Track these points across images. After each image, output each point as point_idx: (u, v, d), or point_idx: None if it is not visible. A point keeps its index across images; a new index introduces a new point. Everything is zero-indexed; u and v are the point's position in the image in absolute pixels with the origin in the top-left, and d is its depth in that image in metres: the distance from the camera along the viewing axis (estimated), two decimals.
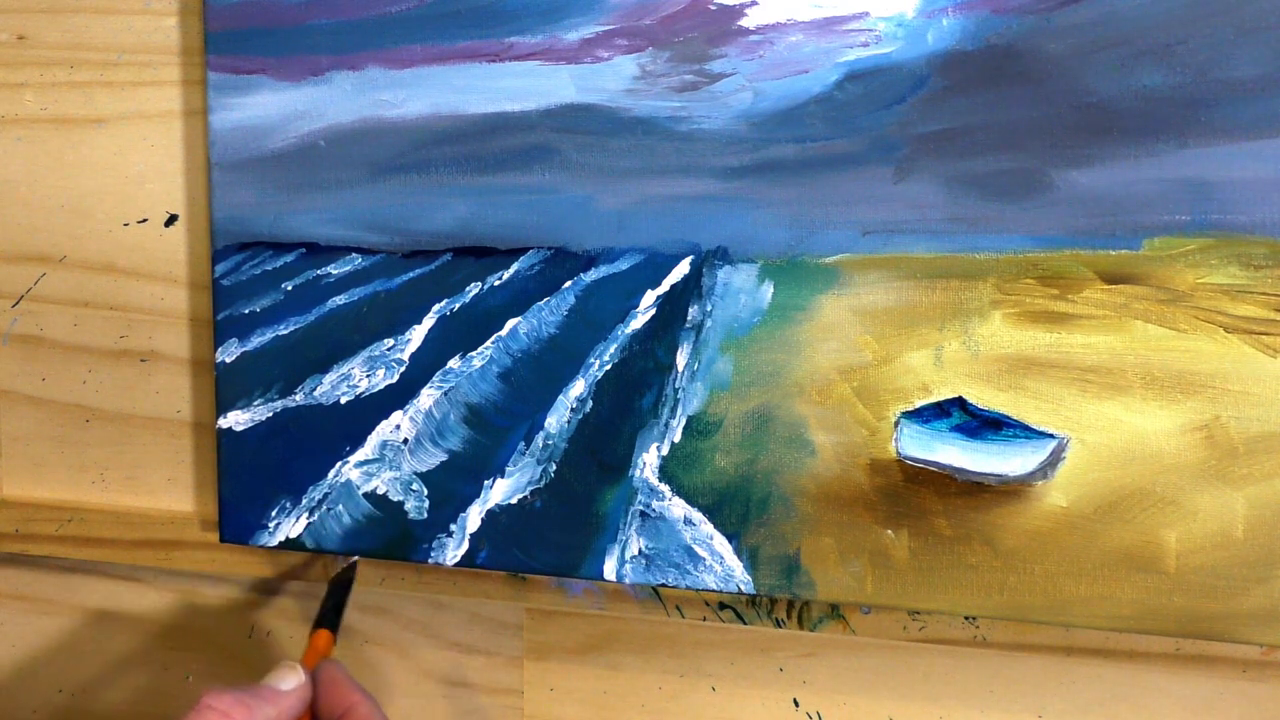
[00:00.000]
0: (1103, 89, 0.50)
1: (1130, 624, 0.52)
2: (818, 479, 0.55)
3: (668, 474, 0.56)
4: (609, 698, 0.62)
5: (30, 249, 0.63)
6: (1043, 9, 0.50)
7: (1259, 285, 0.50)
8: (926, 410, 0.53)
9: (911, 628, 0.58)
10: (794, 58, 0.53)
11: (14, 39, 0.62)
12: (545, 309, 0.57)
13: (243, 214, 0.59)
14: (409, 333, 0.58)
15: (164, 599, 0.67)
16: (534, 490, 0.57)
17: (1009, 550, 0.53)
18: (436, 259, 0.57)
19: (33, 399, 0.65)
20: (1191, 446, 0.51)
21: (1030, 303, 0.52)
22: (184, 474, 0.64)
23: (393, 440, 0.59)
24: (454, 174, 0.56)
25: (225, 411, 0.60)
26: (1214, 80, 0.49)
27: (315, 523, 0.59)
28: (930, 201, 0.52)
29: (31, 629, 0.69)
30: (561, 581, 0.60)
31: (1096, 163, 0.51)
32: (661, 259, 0.55)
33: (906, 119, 0.52)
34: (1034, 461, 0.53)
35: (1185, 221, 0.50)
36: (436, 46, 0.56)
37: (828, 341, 0.54)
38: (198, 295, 0.62)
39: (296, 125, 0.58)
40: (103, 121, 0.62)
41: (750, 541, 0.55)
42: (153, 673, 0.68)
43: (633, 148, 0.55)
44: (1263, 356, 0.51)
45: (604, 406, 0.57)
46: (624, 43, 0.54)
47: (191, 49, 0.60)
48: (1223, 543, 0.51)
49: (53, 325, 0.64)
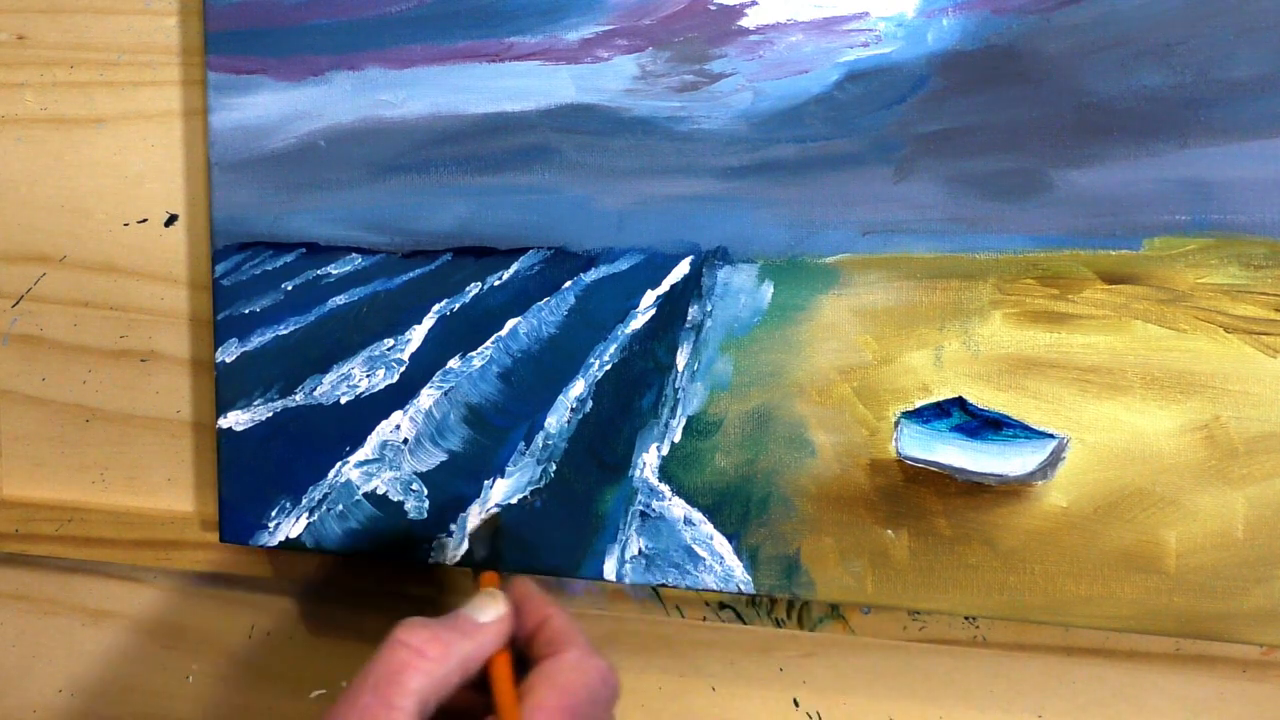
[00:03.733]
0: (1103, 89, 0.50)
1: (1130, 624, 0.52)
2: (818, 479, 0.55)
3: (668, 474, 0.56)
4: None
5: (30, 249, 0.63)
6: (1043, 9, 0.50)
7: (1259, 285, 0.50)
8: (926, 410, 0.53)
9: (911, 628, 0.58)
10: (794, 58, 0.53)
11: (14, 39, 0.62)
12: (545, 309, 0.57)
13: (243, 214, 0.59)
14: (409, 333, 0.58)
15: (164, 599, 0.67)
16: (534, 490, 0.57)
17: (1009, 550, 0.53)
18: (436, 259, 0.57)
19: (33, 399, 0.65)
20: (1191, 446, 0.51)
21: (1030, 303, 0.52)
22: (184, 474, 0.64)
23: (393, 440, 0.59)
24: (454, 174, 0.56)
25: (225, 411, 0.60)
26: (1214, 80, 0.49)
27: (315, 523, 0.59)
28: (930, 201, 0.52)
29: (31, 629, 0.69)
30: (561, 581, 0.60)
31: (1096, 163, 0.51)
32: (661, 259, 0.55)
33: (906, 119, 0.52)
34: (1034, 461, 0.53)
35: (1185, 221, 0.50)
36: (436, 46, 0.56)
37: (828, 341, 0.54)
38: (198, 295, 0.62)
39: (296, 125, 0.58)
40: (103, 121, 0.62)
41: (750, 541, 0.55)
42: (153, 673, 0.68)
43: (633, 148, 0.55)
44: (1263, 356, 0.51)
45: (604, 406, 0.57)
46: (624, 43, 0.54)
47: (191, 49, 0.60)
48: (1223, 543, 0.51)
49: (53, 325, 0.64)
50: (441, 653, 0.44)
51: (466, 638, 0.46)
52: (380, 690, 0.43)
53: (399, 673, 0.43)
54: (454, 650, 0.45)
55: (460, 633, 0.46)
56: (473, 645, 0.46)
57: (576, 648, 0.47)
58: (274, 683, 0.66)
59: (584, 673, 0.45)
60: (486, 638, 0.46)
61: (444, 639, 0.45)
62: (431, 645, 0.44)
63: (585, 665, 0.46)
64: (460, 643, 0.45)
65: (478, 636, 0.46)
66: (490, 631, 0.47)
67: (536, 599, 0.49)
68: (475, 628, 0.46)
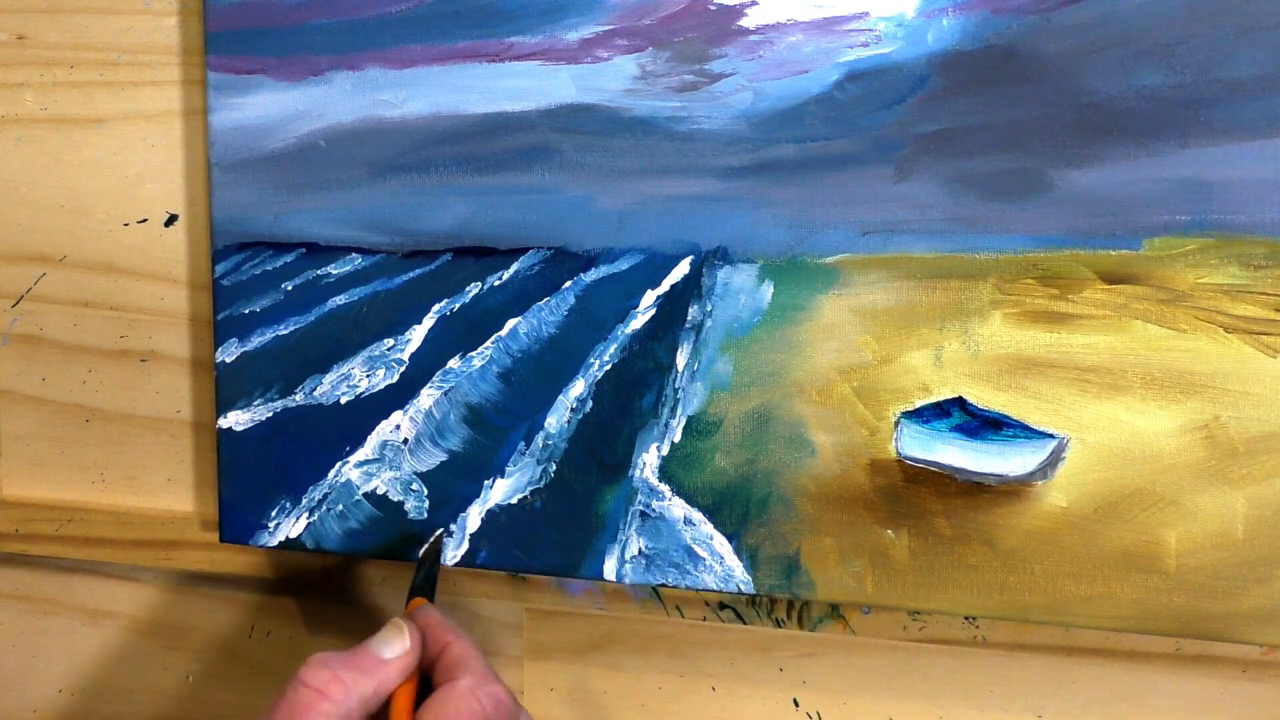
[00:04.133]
0: (1103, 89, 0.50)
1: (1130, 624, 0.52)
2: (818, 479, 0.55)
3: (668, 474, 0.56)
4: (609, 698, 0.62)
5: (30, 249, 0.63)
6: (1043, 9, 0.50)
7: (1259, 285, 0.50)
8: (926, 410, 0.53)
9: (911, 628, 0.58)
10: (794, 58, 0.53)
11: (14, 39, 0.62)
12: (545, 309, 0.57)
13: (243, 214, 0.59)
14: (409, 333, 0.58)
15: (164, 599, 0.67)
16: (534, 490, 0.57)
17: (1009, 550, 0.53)
18: (436, 259, 0.57)
19: (33, 399, 0.65)
20: (1191, 446, 0.51)
21: (1030, 303, 0.52)
22: (184, 474, 0.64)
23: (393, 440, 0.59)
24: (454, 174, 0.56)
25: (225, 411, 0.60)
26: (1214, 80, 0.49)
27: (315, 523, 0.59)
28: (930, 201, 0.52)
29: (31, 629, 0.69)
30: (561, 581, 0.60)
31: (1096, 163, 0.51)
32: (661, 259, 0.55)
33: (906, 119, 0.52)
34: (1034, 461, 0.53)
35: (1185, 221, 0.50)
36: (436, 46, 0.56)
37: (828, 341, 0.54)
38: (198, 295, 0.62)
39: (296, 125, 0.58)
40: (103, 121, 0.62)
41: (750, 541, 0.55)
42: (153, 673, 0.68)
43: (633, 148, 0.55)
44: (1263, 356, 0.51)
45: (604, 406, 0.57)
46: (624, 43, 0.54)
47: (191, 49, 0.60)
48: (1223, 543, 0.51)
49: (53, 325, 0.64)
50: (343, 693, 0.46)
51: (368, 676, 0.47)
52: None
53: (301, 714, 0.45)
54: (355, 690, 0.46)
55: (362, 671, 0.47)
56: (374, 684, 0.47)
57: (470, 674, 0.47)
58: (274, 683, 0.66)
59: (474, 699, 0.46)
60: (388, 674, 0.47)
61: (344, 679, 0.46)
62: (332, 685, 0.46)
63: (476, 692, 0.47)
64: (361, 681, 0.46)
65: (379, 674, 0.47)
66: (393, 668, 0.48)
67: (439, 627, 0.50)
68: (378, 664, 0.47)
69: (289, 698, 0.46)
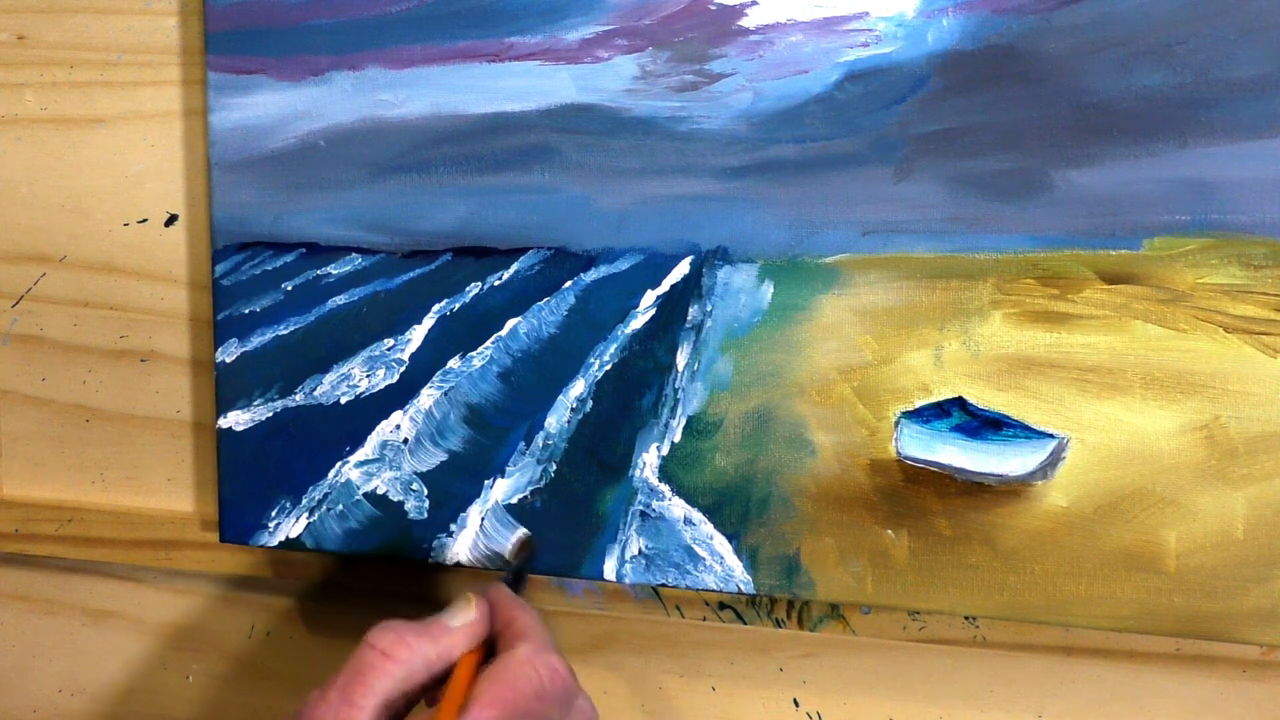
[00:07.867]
0: (1103, 89, 0.50)
1: (1130, 624, 0.52)
2: (818, 479, 0.55)
3: (668, 474, 0.56)
4: (609, 698, 0.62)
5: (30, 249, 0.63)
6: (1043, 9, 0.50)
7: (1259, 285, 0.50)
8: (926, 410, 0.53)
9: (911, 628, 0.58)
10: (794, 58, 0.53)
11: (14, 39, 0.62)
12: (545, 309, 0.57)
13: (243, 214, 0.59)
14: (409, 333, 0.58)
15: (164, 599, 0.67)
16: (534, 490, 0.57)
17: (1009, 550, 0.53)
18: (436, 259, 0.57)
19: (33, 399, 0.65)
20: (1191, 446, 0.51)
21: (1030, 303, 0.52)
22: (184, 474, 0.64)
23: (393, 440, 0.59)
24: (454, 174, 0.56)
25: (225, 411, 0.60)
26: (1214, 80, 0.49)
27: (315, 523, 0.59)
28: (930, 201, 0.52)
29: (31, 629, 0.69)
30: (561, 581, 0.60)
31: (1096, 163, 0.51)
32: (661, 259, 0.55)
33: (906, 119, 0.52)
34: (1034, 461, 0.53)
35: (1185, 221, 0.50)
36: (436, 46, 0.56)
37: (828, 341, 0.54)
38: (198, 295, 0.62)
39: (296, 125, 0.58)
40: (103, 121, 0.62)
41: (750, 541, 0.55)
42: (153, 673, 0.68)
43: (633, 148, 0.55)
44: (1263, 356, 0.51)
45: (604, 406, 0.57)
46: (624, 43, 0.54)
47: (191, 49, 0.60)
48: (1223, 543, 0.51)
49: (53, 325, 0.64)
50: (407, 655, 0.47)
51: (433, 641, 0.48)
52: (346, 689, 0.46)
53: (364, 673, 0.46)
54: (418, 653, 0.47)
55: (428, 637, 0.48)
56: (438, 649, 0.48)
57: (529, 643, 0.48)
58: (274, 683, 0.66)
59: (530, 666, 0.47)
60: (453, 640, 0.49)
61: (409, 643, 0.47)
62: (397, 648, 0.47)
63: (533, 660, 0.48)
64: (426, 646, 0.48)
65: (443, 640, 0.48)
66: (458, 635, 0.49)
67: (508, 602, 0.51)
68: (444, 632, 0.49)
69: (355, 658, 0.47)
